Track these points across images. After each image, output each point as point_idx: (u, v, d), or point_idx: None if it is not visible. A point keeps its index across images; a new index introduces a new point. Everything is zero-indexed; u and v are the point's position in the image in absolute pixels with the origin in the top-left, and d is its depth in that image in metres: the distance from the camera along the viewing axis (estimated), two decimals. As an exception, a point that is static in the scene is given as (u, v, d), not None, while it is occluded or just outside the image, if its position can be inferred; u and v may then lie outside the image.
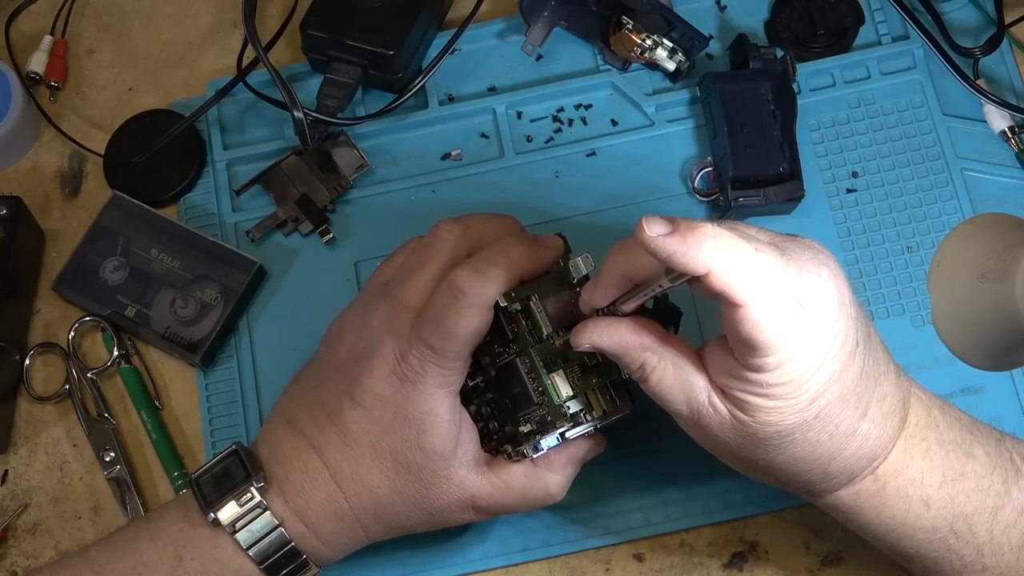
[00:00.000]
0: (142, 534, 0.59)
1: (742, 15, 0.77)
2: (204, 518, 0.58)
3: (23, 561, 0.69)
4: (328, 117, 0.72)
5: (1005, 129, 0.73)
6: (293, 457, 0.59)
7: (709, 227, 0.47)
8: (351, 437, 0.58)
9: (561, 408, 0.57)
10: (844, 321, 0.50)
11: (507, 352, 0.59)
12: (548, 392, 0.57)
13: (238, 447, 0.59)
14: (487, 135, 0.75)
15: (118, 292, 0.72)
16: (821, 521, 0.66)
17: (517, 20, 0.76)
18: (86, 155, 0.78)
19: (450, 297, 0.55)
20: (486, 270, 0.55)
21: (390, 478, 0.58)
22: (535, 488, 0.60)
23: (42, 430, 0.72)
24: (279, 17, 0.79)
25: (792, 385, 0.49)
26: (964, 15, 0.76)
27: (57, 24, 0.81)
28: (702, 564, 0.66)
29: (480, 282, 0.55)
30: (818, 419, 0.50)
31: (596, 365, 0.58)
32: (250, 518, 0.57)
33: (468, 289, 0.55)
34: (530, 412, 0.58)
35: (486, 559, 0.67)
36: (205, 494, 0.58)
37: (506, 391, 0.59)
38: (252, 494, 0.57)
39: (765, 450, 0.52)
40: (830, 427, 0.51)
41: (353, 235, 0.74)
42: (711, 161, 0.72)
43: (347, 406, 0.58)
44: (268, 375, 0.71)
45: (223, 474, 0.58)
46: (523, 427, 0.58)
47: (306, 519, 0.58)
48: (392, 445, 0.57)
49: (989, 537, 0.55)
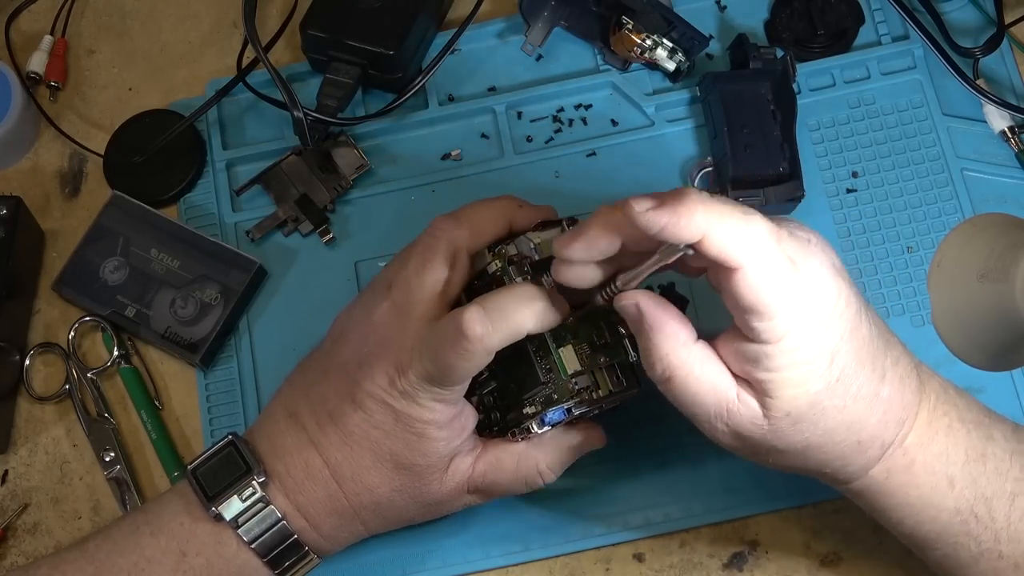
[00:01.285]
0: (141, 528, 0.58)
1: (742, 15, 0.77)
2: (206, 512, 0.57)
3: (23, 561, 0.69)
4: (328, 117, 0.72)
5: (1005, 129, 0.73)
6: (295, 453, 0.59)
7: (695, 194, 0.47)
8: (352, 438, 0.58)
9: (568, 383, 0.57)
10: (841, 283, 0.50)
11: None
12: (556, 367, 0.57)
13: (234, 438, 0.59)
14: (487, 135, 0.75)
15: (118, 292, 0.72)
16: (821, 521, 0.66)
17: (517, 20, 0.76)
18: (86, 155, 0.78)
19: (455, 340, 0.53)
20: (499, 320, 0.53)
21: (390, 478, 0.58)
22: (526, 465, 0.60)
23: (42, 430, 0.72)
24: (279, 17, 0.79)
25: (806, 348, 0.49)
26: (964, 15, 0.76)
27: (57, 24, 0.81)
28: (702, 564, 0.66)
29: (488, 331, 0.53)
30: (840, 381, 0.50)
31: (604, 344, 0.57)
32: (253, 512, 0.57)
33: (473, 336, 0.52)
34: (536, 392, 0.58)
35: (486, 559, 0.67)
36: (205, 487, 0.58)
37: (511, 374, 0.59)
38: (254, 488, 0.57)
39: (800, 431, 0.52)
40: (852, 389, 0.51)
41: (353, 235, 0.74)
42: (711, 161, 0.72)
43: (349, 408, 0.57)
44: (268, 375, 0.71)
45: (221, 466, 0.58)
46: (528, 408, 0.58)
47: (307, 514, 0.58)
48: (393, 448, 0.57)
49: (1007, 523, 0.55)
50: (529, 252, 0.57)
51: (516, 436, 0.59)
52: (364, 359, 0.57)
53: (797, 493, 0.66)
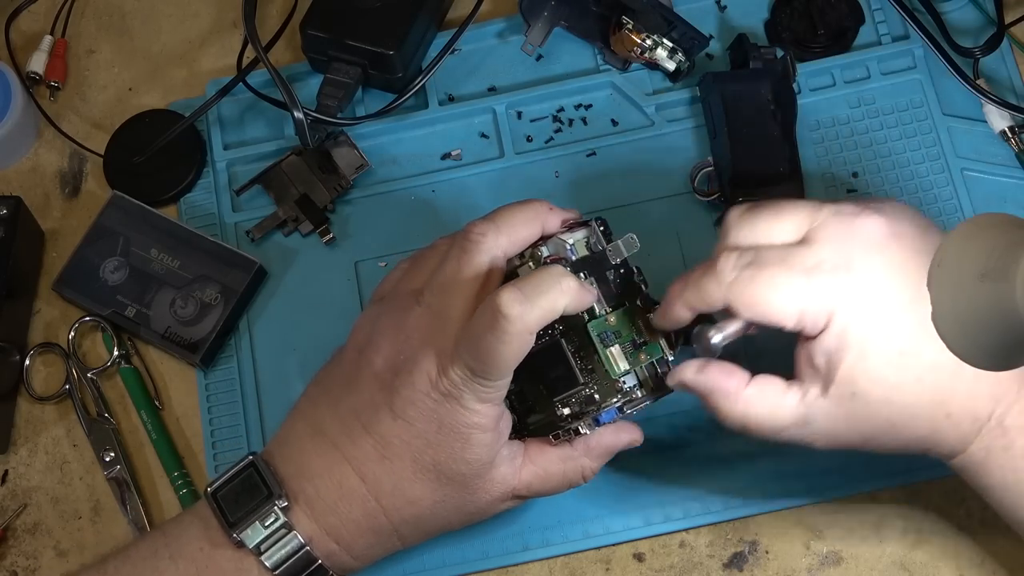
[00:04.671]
0: (160, 552, 0.57)
1: (742, 15, 0.77)
2: (227, 537, 0.56)
3: (23, 561, 0.69)
4: (328, 117, 0.72)
5: (1005, 129, 0.73)
6: (324, 473, 0.57)
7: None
8: (391, 450, 0.56)
9: (617, 383, 0.57)
10: (892, 261, 0.53)
11: (547, 335, 0.58)
12: (607, 366, 0.57)
13: (255, 459, 0.57)
14: (487, 135, 0.75)
15: (118, 292, 0.72)
16: (821, 521, 0.66)
17: (517, 20, 0.76)
18: (86, 155, 0.78)
19: (493, 321, 0.52)
20: (535, 298, 0.53)
21: (432, 489, 0.56)
22: (572, 472, 0.59)
23: (42, 430, 0.72)
24: (279, 17, 0.79)
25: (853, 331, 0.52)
26: (964, 15, 0.76)
27: (57, 24, 0.81)
28: (702, 564, 0.66)
29: (525, 309, 0.52)
30: (904, 354, 0.52)
31: (644, 343, 0.58)
32: (275, 539, 0.56)
33: (512, 316, 0.52)
34: (571, 394, 0.58)
35: (486, 559, 0.67)
36: (226, 512, 0.56)
37: (538, 379, 0.59)
38: (276, 515, 0.56)
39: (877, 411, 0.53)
40: (925, 358, 0.52)
41: (353, 235, 0.74)
42: (711, 161, 0.72)
43: (387, 418, 0.56)
44: (268, 375, 0.71)
45: (243, 490, 0.56)
46: (562, 410, 0.58)
47: (338, 536, 0.57)
48: (435, 458, 0.56)
49: None
50: (566, 253, 0.58)
51: (560, 438, 0.58)
52: (400, 366, 0.56)
53: (797, 493, 0.66)
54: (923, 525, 0.66)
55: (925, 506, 0.66)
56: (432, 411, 0.55)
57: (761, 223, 0.55)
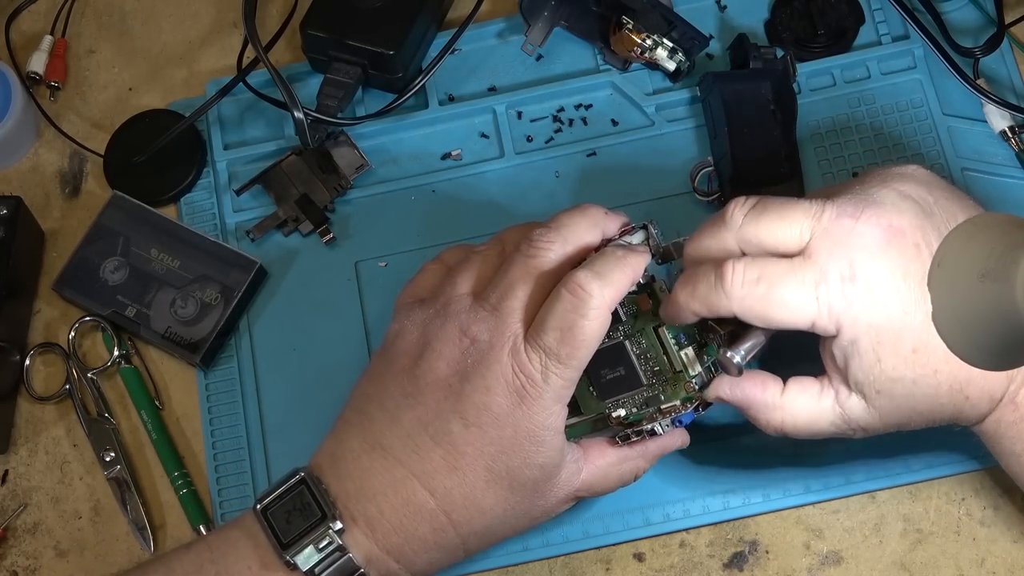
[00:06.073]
0: (207, 568, 0.55)
1: (742, 15, 0.77)
2: (277, 558, 0.54)
3: (23, 561, 0.69)
4: (328, 117, 0.72)
5: (1005, 129, 0.73)
6: (389, 491, 0.55)
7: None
8: (464, 460, 0.55)
9: (691, 384, 0.58)
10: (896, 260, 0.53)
11: (611, 336, 0.59)
12: (681, 366, 0.58)
13: (306, 476, 0.56)
14: (487, 135, 0.75)
15: (118, 292, 0.72)
16: (821, 521, 0.66)
17: (517, 20, 0.76)
18: (86, 155, 0.78)
19: (574, 300, 0.54)
20: (607, 273, 0.55)
21: (504, 497, 0.56)
22: (628, 472, 0.60)
23: (42, 430, 0.72)
24: (279, 17, 0.79)
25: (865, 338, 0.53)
26: (964, 15, 0.76)
27: (57, 24, 0.81)
28: (702, 564, 0.66)
29: (602, 284, 0.54)
30: (918, 351, 0.53)
31: (704, 344, 0.59)
32: (329, 562, 0.54)
33: (594, 291, 0.54)
34: (630, 395, 0.59)
35: (486, 559, 0.67)
36: (279, 532, 0.55)
37: (585, 381, 0.59)
38: (332, 538, 0.54)
39: (900, 406, 0.55)
40: (940, 352, 0.53)
41: (353, 235, 0.74)
42: (711, 161, 0.72)
43: (458, 427, 0.55)
44: (268, 375, 0.71)
45: (295, 508, 0.55)
46: (616, 412, 0.58)
47: (400, 555, 0.56)
48: (509, 464, 0.55)
49: None
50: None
51: (631, 440, 0.59)
52: (470, 371, 0.55)
53: (797, 493, 0.66)
54: (923, 525, 0.66)
55: (925, 506, 0.66)
56: (507, 415, 0.54)
57: (764, 224, 0.55)
